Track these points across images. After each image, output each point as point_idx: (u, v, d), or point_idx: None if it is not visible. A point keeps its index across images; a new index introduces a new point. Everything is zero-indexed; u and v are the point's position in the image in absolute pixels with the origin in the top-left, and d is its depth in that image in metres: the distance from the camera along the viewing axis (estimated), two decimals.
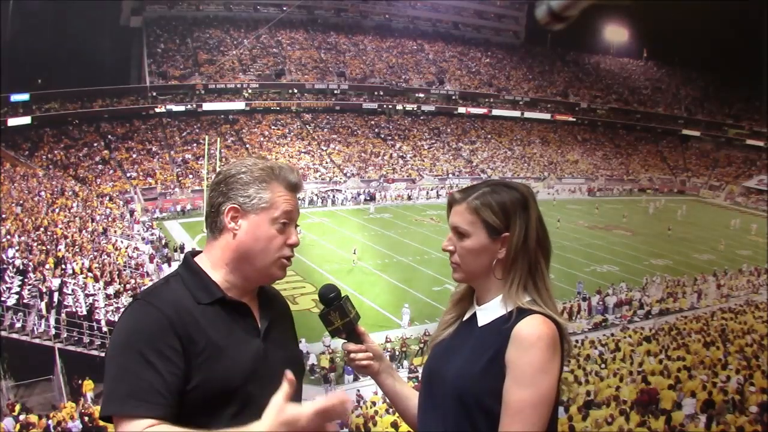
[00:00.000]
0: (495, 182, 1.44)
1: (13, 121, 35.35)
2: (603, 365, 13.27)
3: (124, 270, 19.33)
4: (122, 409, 1.19)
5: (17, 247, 18.13)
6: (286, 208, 1.39)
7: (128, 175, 35.51)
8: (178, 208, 32.42)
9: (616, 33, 63.31)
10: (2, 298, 14.31)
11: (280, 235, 1.38)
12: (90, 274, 17.76)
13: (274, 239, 1.37)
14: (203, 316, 1.31)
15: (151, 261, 21.52)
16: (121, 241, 23.38)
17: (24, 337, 13.75)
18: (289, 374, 1.13)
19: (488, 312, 1.40)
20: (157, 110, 41.65)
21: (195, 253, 1.44)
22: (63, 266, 17.59)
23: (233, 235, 1.37)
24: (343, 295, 1.51)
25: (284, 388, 1.11)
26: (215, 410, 1.26)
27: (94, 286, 16.98)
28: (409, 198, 39.56)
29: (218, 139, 38.15)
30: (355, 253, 23.57)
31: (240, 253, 1.37)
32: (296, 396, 1.44)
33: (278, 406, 1.08)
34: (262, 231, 1.36)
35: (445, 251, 1.44)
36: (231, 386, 1.28)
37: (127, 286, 17.18)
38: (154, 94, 42.18)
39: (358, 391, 12.91)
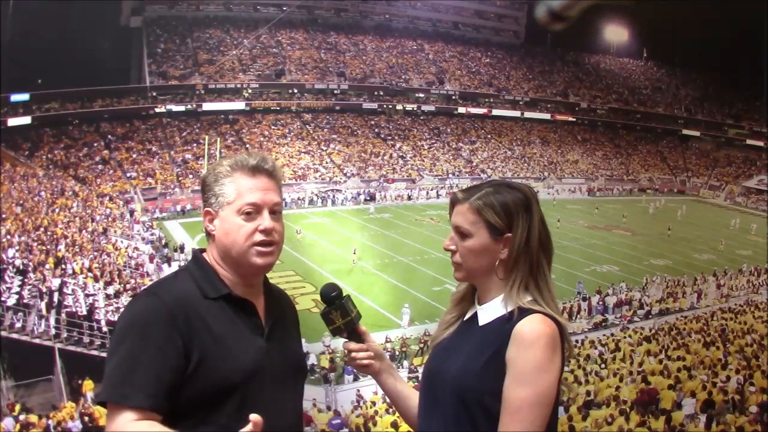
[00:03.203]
0: (498, 182, 1.44)
1: (13, 121, 35.34)
2: (603, 365, 13.26)
3: (124, 270, 19.32)
4: (111, 398, 1.20)
5: (17, 247, 18.12)
6: (249, 197, 1.37)
7: (128, 175, 35.51)
8: (178, 208, 32.41)
9: (616, 33, 63.30)
10: (2, 298, 14.29)
11: (247, 224, 1.36)
12: (90, 274, 17.75)
13: (241, 229, 1.36)
14: (208, 311, 1.32)
15: (151, 261, 21.52)
16: (121, 241, 23.38)
17: (24, 337, 13.73)
18: (254, 417, 1.12)
19: (489, 311, 1.40)
20: (157, 110, 41.64)
21: (203, 250, 1.46)
22: (63, 266, 17.58)
23: (213, 236, 1.40)
24: (344, 294, 1.51)
25: (246, 428, 1.11)
26: (215, 406, 1.27)
27: (94, 286, 16.97)
28: (409, 198, 39.55)
29: (218, 139, 38.17)
30: (355, 253, 23.57)
31: (219, 250, 1.39)
32: (296, 399, 1.44)
33: None
34: (229, 224, 1.37)
35: (447, 251, 1.44)
36: (232, 382, 1.28)
37: (127, 286, 17.17)
38: (154, 94, 42.18)
39: (358, 391, 12.91)
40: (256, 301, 1.42)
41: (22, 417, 10.56)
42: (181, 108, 42.52)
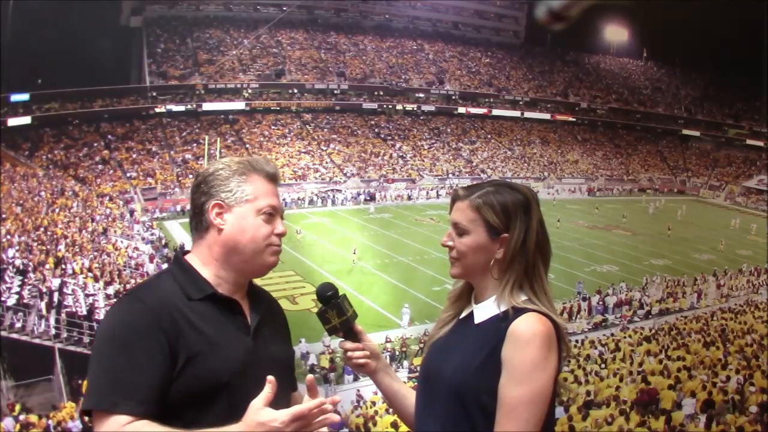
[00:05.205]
0: (499, 183, 1.45)
1: (13, 121, 35.32)
2: (603, 365, 13.26)
3: (124, 270, 19.33)
4: (100, 405, 1.19)
5: (17, 247, 18.12)
6: (270, 199, 1.41)
7: (128, 175, 35.52)
8: (178, 208, 32.39)
9: (616, 33, 63.30)
10: (2, 298, 14.29)
11: (266, 225, 1.39)
12: (90, 274, 17.76)
13: (261, 228, 1.38)
14: (193, 312, 1.31)
15: (151, 261, 21.53)
16: (121, 241, 23.39)
17: (24, 337, 13.72)
18: (270, 378, 1.17)
19: (484, 310, 1.40)
20: (157, 110, 41.65)
21: (186, 251, 1.45)
22: (63, 266, 17.58)
23: (219, 230, 1.38)
24: (340, 294, 1.51)
25: (265, 392, 1.16)
26: (204, 405, 1.27)
27: (94, 286, 16.98)
28: (409, 198, 39.57)
29: (218, 139, 38.20)
30: (355, 253, 23.57)
31: (228, 246, 1.38)
32: (284, 395, 1.44)
33: (255, 409, 1.14)
34: (248, 222, 1.38)
35: (444, 246, 1.45)
36: (220, 382, 1.28)
37: (127, 286, 17.14)
38: (154, 94, 42.18)
39: (358, 391, 12.89)
40: (240, 300, 1.42)
41: (22, 417, 10.55)
42: (181, 108, 42.52)
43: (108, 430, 1.17)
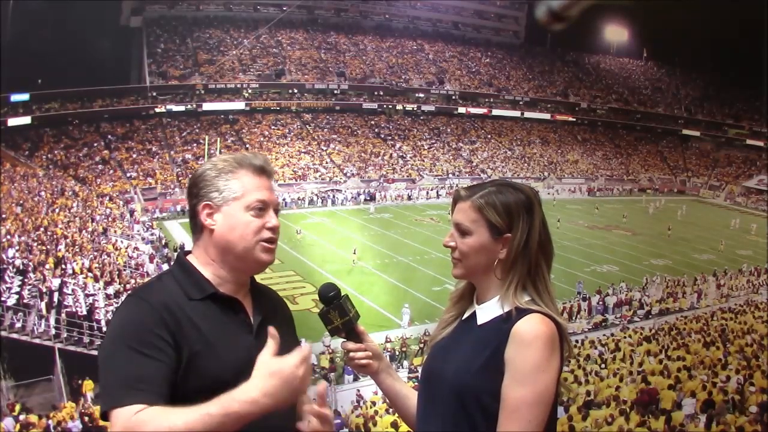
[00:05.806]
0: (501, 182, 1.44)
1: (13, 121, 35.33)
2: (603, 365, 13.26)
3: (124, 270, 19.33)
4: (115, 402, 1.19)
5: (17, 247, 18.12)
6: (258, 194, 1.39)
7: (128, 175, 35.52)
8: (178, 208, 32.36)
9: (616, 33, 63.31)
10: (2, 298, 14.30)
11: (257, 220, 1.38)
12: (90, 274, 17.75)
13: (250, 224, 1.37)
14: (195, 312, 1.32)
15: (151, 261, 21.52)
16: (121, 241, 23.39)
17: (24, 337, 13.74)
18: (272, 329, 1.21)
19: (487, 311, 1.40)
20: (157, 110, 41.65)
21: (187, 252, 1.45)
22: (63, 266, 17.58)
23: (211, 231, 1.38)
24: (342, 294, 1.50)
25: (269, 345, 1.19)
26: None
27: (94, 286, 16.98)
28: (409, 198, 39.57)
29: (218, 139, 38.24)
30: (355, 253, 23.57)
31: (221, 246, 1.38)
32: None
33: (263, 362, 1.17)
34: (237, 219, 1.37)
35: (446, 247, 1.44)
36: (222, 381, 1.26)
37: (127, 286, 17.15)
38: (154, 94, 42.18)
39: (358, 391, 12.91)
40: (243, 299, 1.42)
41: (22, 417, 10.55)
42: (181, 108, 42.52)
43: (121, 421, 1.17)
